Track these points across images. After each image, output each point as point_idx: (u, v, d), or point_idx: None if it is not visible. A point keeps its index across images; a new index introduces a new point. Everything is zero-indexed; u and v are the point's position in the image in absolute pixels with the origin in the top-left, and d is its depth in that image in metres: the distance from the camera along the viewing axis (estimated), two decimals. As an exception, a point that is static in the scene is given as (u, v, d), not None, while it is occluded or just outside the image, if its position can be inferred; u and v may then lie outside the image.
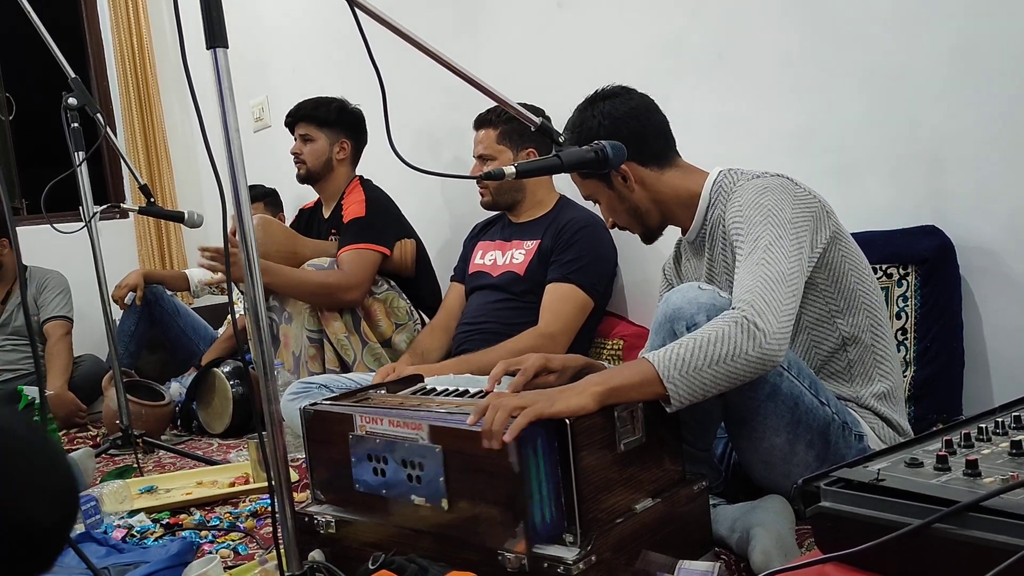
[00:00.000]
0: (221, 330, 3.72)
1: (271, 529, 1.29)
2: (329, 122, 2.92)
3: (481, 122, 2.54)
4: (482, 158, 2.52)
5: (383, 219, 2.83)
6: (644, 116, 1.67)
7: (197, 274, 3.79)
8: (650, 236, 1.76)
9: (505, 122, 2.48)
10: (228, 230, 1.22)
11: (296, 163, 2.95)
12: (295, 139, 2.95)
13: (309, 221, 3.08)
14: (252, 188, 3.68)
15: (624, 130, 1.63)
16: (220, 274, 2.84)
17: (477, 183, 2.56)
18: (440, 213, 3.21)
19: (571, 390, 1.27)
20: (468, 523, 1.27)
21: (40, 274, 3.53)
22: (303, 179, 2.97)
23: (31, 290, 3.47)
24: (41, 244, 3.22)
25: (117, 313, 3.34)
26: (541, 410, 1.21)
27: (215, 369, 3.01)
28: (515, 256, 2.53)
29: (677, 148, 1.71)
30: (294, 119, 2.94)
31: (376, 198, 2.87)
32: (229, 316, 3.71)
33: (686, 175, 1.68)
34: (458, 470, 1.28)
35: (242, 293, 1.29)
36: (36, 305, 3.48)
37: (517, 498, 1.20)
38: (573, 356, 1.68)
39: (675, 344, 1.33)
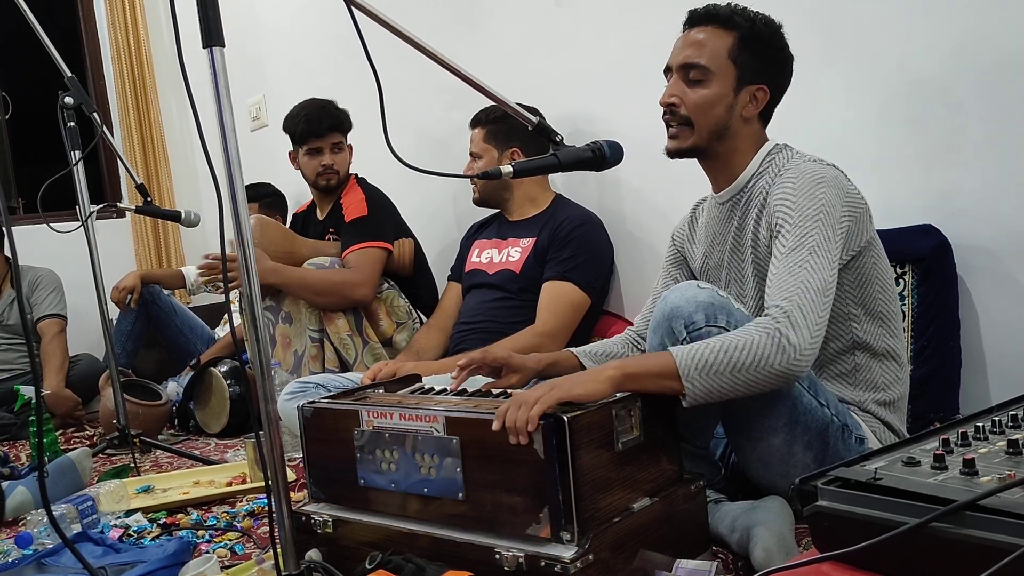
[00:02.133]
0: (218, 330, 3.72)
1: (268, 529, 1.29)
2: (349, 129, 2.91)
3: (474, 121, 2.57)
4: (472, 156, 2.55)
5: (384, 217, 2.83)
6: (792, 75, 1.65)
7: (193, 272, 3.78)
8: (690, 153, 1.62)
9: (491, 122, 2.50)
10: (226, 251, 1.22)
11: (328, 174, 2.87)
12: (317, 151, 2.86)
13: (304, 224, 3.08)
14: (258, 187, 3.66)
15: (788, 75, 1.64)
16: (217, 276, 2.84)
17: (471, 180, 2.57)
18: (441, 212, 3.21)
19: (586, 374, 1.30)
20: (487, 513, 1.28)
21: (32, 273, 3.51)
22: (332, 189, 2.91)
23: (23, 289, 3.45)
24: (38, 243, 3.21)
25: (114, 312, 3.34)
26: (559, 396, 1.24)
27: (212, 369, 3.01)
28: (511, 254, 2.53)
29: None
30: (326, 130, 2.84)
31: (376, 196, 2.87)
32: (226, 321, 3.71)
33: (759, 143, 1.64)
34: (476, 460, 1.28)
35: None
36: (29, 304, 3.48)
37: (544, 483, 1.21)
38: (535, 356, 1.68)
39: (702, 343, 1.34)
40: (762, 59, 1.59)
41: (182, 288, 3.77)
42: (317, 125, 2.85)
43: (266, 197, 3.71)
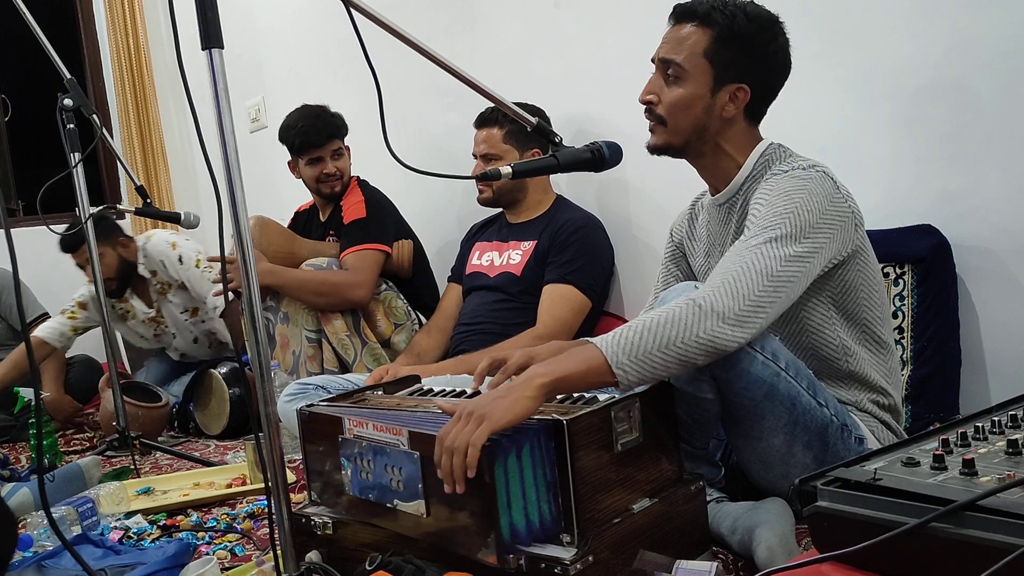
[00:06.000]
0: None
1: (268, 530, 1.29)
2: (346, 133, 2.91)
3: (484, 121, 2.52)
4: (486, 157, 2.50)
5: (383, 218, 2.83)
6: (787, 75, 1.59)
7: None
8: (668, 151, 1.60)
9: (511, 122, 2.46)
10: (222, 246, 1.22)
11: (331, 181, 2.86)
12: (318, 159, 2.84)
13: (307, 224, 3.08)
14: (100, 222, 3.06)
15: (776, 72, 1.58)
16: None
17: (477, 181, 2.56)
18: (440, 213, 3.21)
19: (515, 391, 1.24)
20: (446, 531, 1.26)
21: None
22: (337, 196, 2.90)
23: None
24: (37, 245, 3.21)
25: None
26: (491, 428, 1.18)
27: (212, 370, 3.01)
28: (512, 257, 2.53)
29: None
30: (325, 139, 2.83)
31: (375, 198, 2.87)
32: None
33: (751, 143, 1.61)
34: (436, 477, 1.24)
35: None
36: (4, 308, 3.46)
37: (488, 509, 1.18)
38: (557, 344, 1.65)
39: (625, 328, 1.32)
40: (742, 57, 1.53)
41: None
42: (316, 136, 2.83)
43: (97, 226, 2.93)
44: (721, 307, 1.30)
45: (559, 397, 1.40)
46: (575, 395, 1.41)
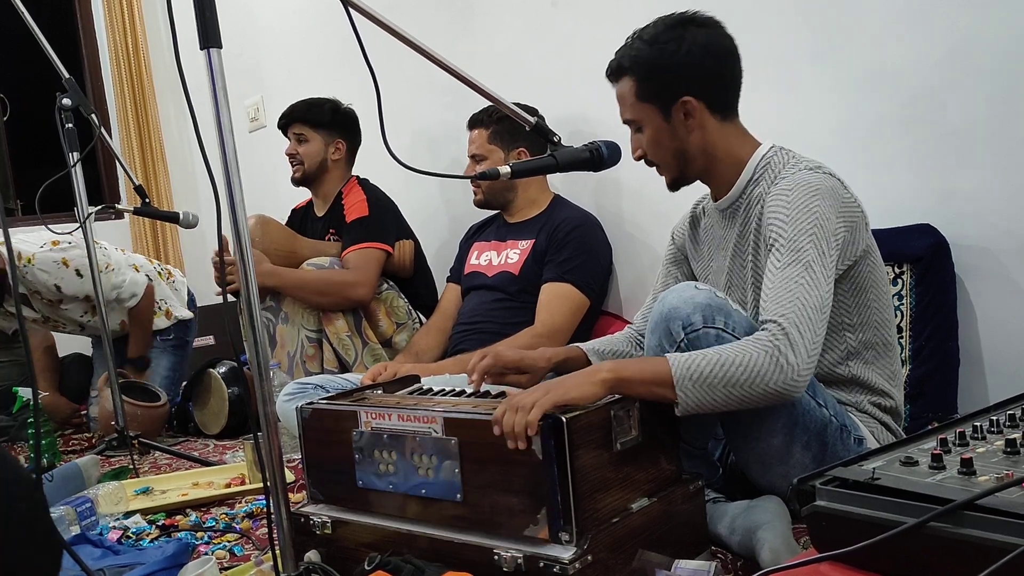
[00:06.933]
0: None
1: (267, 530, 1.29)
2: (324, 123, 2.91)
3: (474, 122, 2.55)
4: (474, 158, 2.53)
5: (386, 218, 2.84)
6: (730, 60, 1.58)
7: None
8: (678, 183, 1.66)
9: (496, 122, 2.49)
10: (220, 246, 1.22)
11: (293, 165, 2.93)
12: (289, 140, 2.95)
13: (303, 221, 3.08)
14: None
15: (707, 66, 1.55)
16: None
17: (471, 182, 2.57)
18: (438, 213, 3.21)
19: (580, 377, 1.31)
20: (484, 514, 1.28)
21: None
22: (299, 181, 2.95)
23: None
24: (36, 245, 3.20)
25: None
26: (555, 399, 1.25)
27: (211, 370, 3.01)
28: (510, 256, 2.53)
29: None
30: (288, 121, 2.93)
31: (378, 197, 2.88)
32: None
33: (741, 138, 1.62)
34: (475, 461, 1.28)
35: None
36: None
37: (541, 484, 1.21)
38: (552, 350, 1.68)
39: (700, 354, 1.33)
40: (665, 78, 1.56)
41: None
42: (284, 117, 2.94)
43: None
44: (796, 361, 1.32)
45: None
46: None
